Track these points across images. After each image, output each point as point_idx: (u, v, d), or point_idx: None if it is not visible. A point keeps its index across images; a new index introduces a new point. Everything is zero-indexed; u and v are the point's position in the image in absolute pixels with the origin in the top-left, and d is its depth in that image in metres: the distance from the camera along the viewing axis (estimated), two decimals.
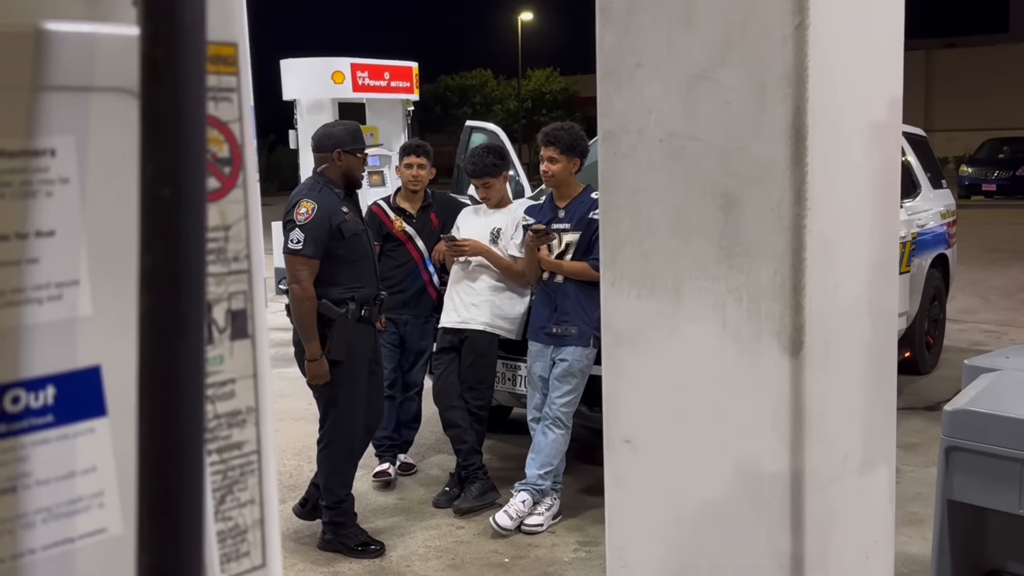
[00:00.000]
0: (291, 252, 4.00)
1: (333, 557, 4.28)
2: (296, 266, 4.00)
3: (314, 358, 4.05)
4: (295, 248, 3.99)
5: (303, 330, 4.05)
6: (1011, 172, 25.46)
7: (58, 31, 0.55)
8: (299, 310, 4.03)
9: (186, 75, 0.51)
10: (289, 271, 4.02)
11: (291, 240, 3.99)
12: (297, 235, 3.99)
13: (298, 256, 4.00)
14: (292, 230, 4.00)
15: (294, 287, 4.01)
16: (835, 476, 1.78)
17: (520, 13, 41.40)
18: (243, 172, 0.67)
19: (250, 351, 0.68)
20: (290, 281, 4.02)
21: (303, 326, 4.04)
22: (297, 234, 3.99)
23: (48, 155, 0.55)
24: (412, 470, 5.34)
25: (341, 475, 4.30)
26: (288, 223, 4.04)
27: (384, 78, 10.78)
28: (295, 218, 4.01)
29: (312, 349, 4.04)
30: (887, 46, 1.85)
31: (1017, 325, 9.01)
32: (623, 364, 1.88)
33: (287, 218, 4.06)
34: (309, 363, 4.06)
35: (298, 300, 4.02)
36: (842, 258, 1.74)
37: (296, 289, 4.01)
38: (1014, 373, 2.96)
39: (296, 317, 4.05)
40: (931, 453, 4.96)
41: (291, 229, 4.01)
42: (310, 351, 4.05)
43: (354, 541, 4.31)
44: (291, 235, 3.99)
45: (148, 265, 0.50)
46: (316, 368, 4.06)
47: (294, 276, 4.01)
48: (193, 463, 0.51)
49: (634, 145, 1.80)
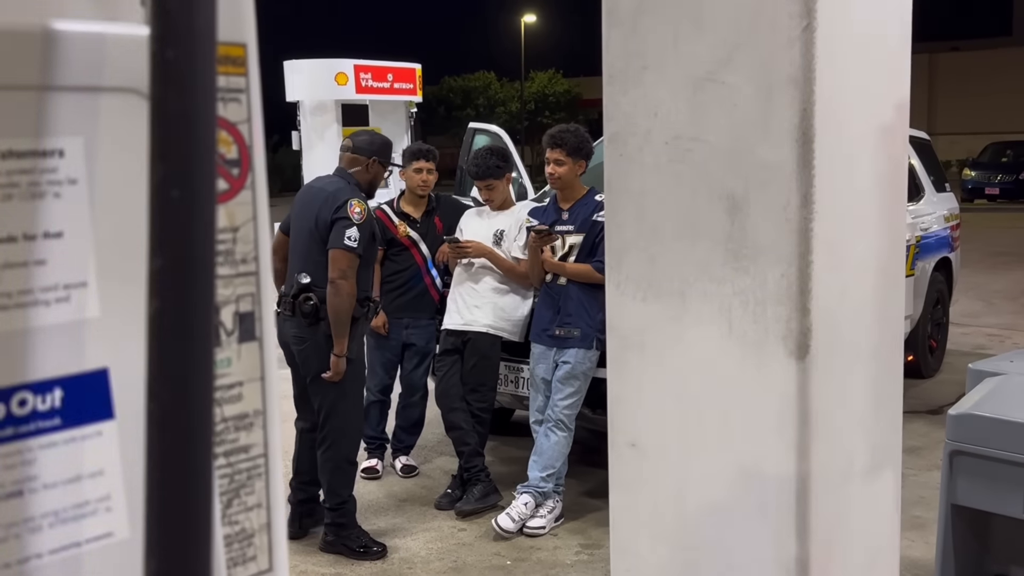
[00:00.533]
0: (347, 249, 4.06)
1: (335, 559, 4.28)
2: (347, 262, 4.08)
3: (343, 354, 4.12)
4: (351, 246, 4.06)
5: (340, 325, 4.09)
6: (1014, 176, 25.43)
7: (67, 31, 0.55)
8: (343, 306, 4.08)
9: (196, 77, 0.50)
10: (338, 267, 4.07)
11: (348, 237, 4.06)
12: (354, 233, 4.07)
13: (352, 253, 4.08)
14: (349, 227, 4.06)
15: (342, 283, 4.07)
16: (841, 480, 1.77)
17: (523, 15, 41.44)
18: (252, 173, 0.67)
19: (258, 354, 0.68)
20: (337, 276, 4.06)
21: (342, 321, 4.09)
22: (354, 232, 4.07)
23: (56, 156, 0.55)
24: (414, 472, 5.34)
25: (343, 475, 4.31)
26: (342, 220, 4.08)
27: (387, 80, 10.78)
28: (350, 216, 4.08)
29: (342, 346, 4.11)
30: (894, 49, 1.84)
31: (1020, 329, 9.00)
32: (628, 367, 1.88)
33: (338, 215, 4.09)
34: (337, 359, 4.11)
35: (344, 296, 4.08)
36: (849, 262, 1.74)
37: (344, 285, 4.07)
38: (1018, 377, 2.95)
39: (337, 312, 4.08)
40: (934, 457, 4.95)
41: (347, 226, 4.07)
42: (340, 347, 4.11)
43: (356, 543, 4.30)
44: (348, 232, 4.06)
45: (157, 267, 0.49)
46: (341, 364, 4.14)
47: (343, 272, 4.07)
48: (201, 467, 0.51)
49: (640, 147, 1.80)
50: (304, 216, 4.21)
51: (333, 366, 4.11)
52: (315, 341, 4.14)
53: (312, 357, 4.17)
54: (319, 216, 4.13)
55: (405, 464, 5.36)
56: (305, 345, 4.17)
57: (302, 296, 4.09)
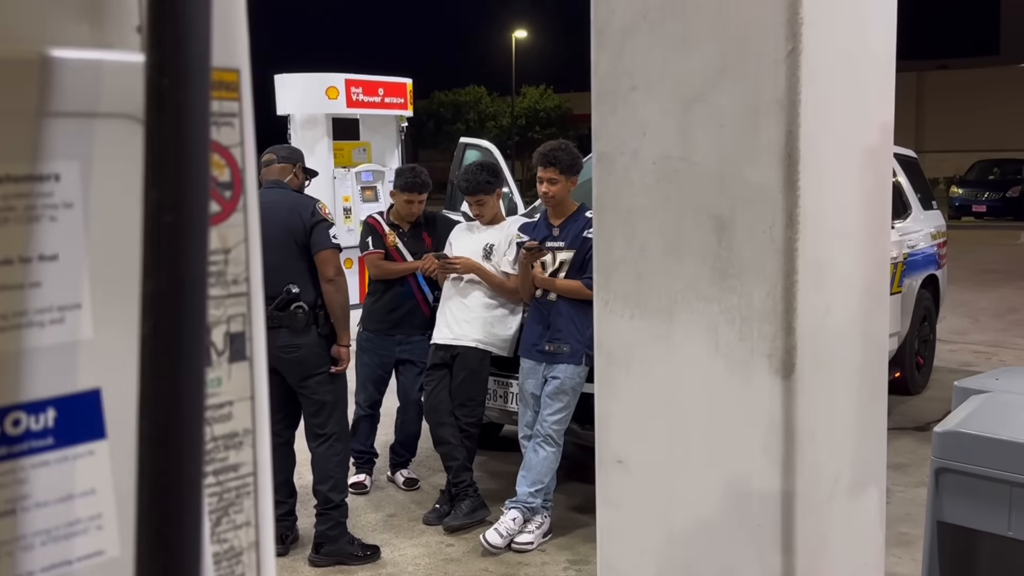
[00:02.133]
0: (335, 247, 4.26)
1: (323, 572, 4.27)
2: (338, 259, 4.29)
3: (349, 343, 4.39)
4: (337, 243, 4.29)
5: (343, 319, 4.31)
6: (1001, 193, 25.62)
7: (63, 57, 0.56)
8: (342, 300, 4.30)
9: (191, 105, 0.51)
10: (333, 265, 4.25)
11: (333, 236, 4.28)
12: (335, 231, 4.32)
13: (339, 250, 4.30)
14: (330, 227, 4.28)
15: (340, 279, 4.28)
16: (826, 497, 1.78)
17: (514, 31, 41.60)
18: (243, 196, 0.68)
19: (248, 373, 0.69)
20: (334, 274, 4.24)
21: (344, 315, 4.32)
22: (334, 230, 4.32)
23: (52, 180, 0.56)
24: (416, 485, 5.37)
25: (341, 472, 4.41)
26: (321, 222, 4.26)
27: (378, 94, 10.81)
28: (326, 217, 4.30)
29: (347, 336, 4.36)
30: (879, 70, 1.87)
31: (1007, 346, 9.05)
32: (615, 384, 1.89)
33: (315, 219, 4.25)
34: (346, 349, 4.34)
35: (344, 291, 4.31)
36: (834, 281, 1.75)
37: (343, 281, 4.30)
38: (1004, 395, 2.97)
39: (341, 307, 4.29)
40: (921, 473, 4.97)
41: (328, 227, 4.28)
42: (346, 337, 4.35)
43: (352, 548, 4.35)
44: (331, 232, 4.27)
45: (150, 290, 0.50)
46: (348, 353, 4.39)
47: (338, 269, 4.28)
48: (192, 486, 0.52)
49: (628, 167, 1.82)
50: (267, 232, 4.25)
51: (345, 356, 4.34)
52: (311, 343, 4.24)
53: (309, 359, 4.27)
54: (290, 226, 4.21)
55: (407, 478, 5.38)
56: (300, 351, 4.24)
57: (293, 306, 4.14)
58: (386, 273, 5.14)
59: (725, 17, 1.67)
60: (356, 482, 5.23)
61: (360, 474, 5.30)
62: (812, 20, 1.59)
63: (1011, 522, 2.60)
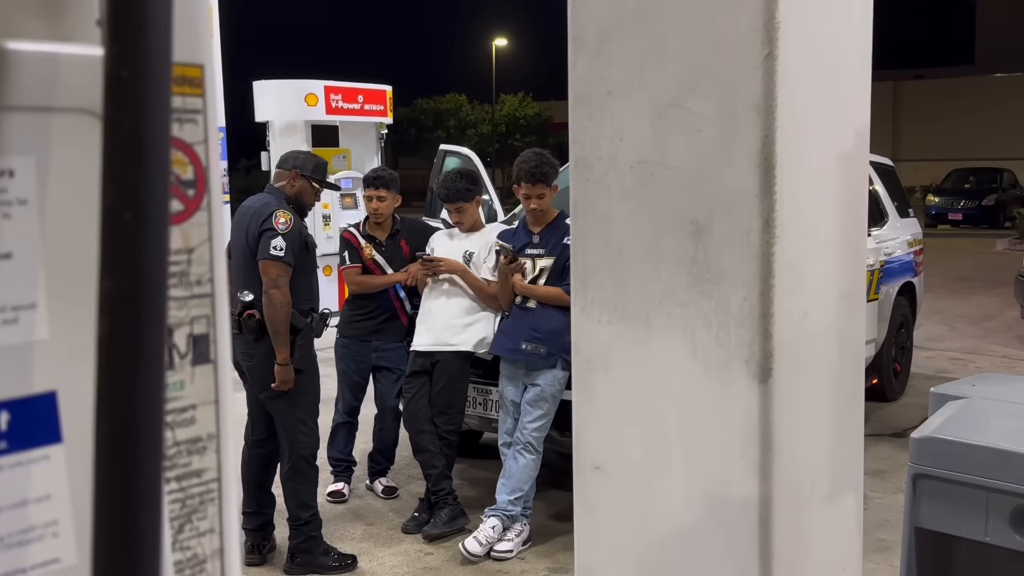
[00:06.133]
0: (273, 259, 4.10)
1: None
2: (277, 272, 4.11)
3: (286, 362, 4.14)
4: (277, 255, 4.10)
5: (278, 335, 4.12)
6: (977, 202, 25.87)
7: (19, 50, 0.54)
8: (278, 315, 4.11)
9: (150, 98, 0.50)
10: (269, 277, 4.10)
11: (274, 247, 4.10)
12: (280, 242, 4.11)
13: (280, 262, 4.11)
14: (274, 237, 4.11)
15: (274, 292, 4.10)
16: (803, 503, 1.78)
17: (495, 39, 41.67)
18: (207, 194, 0.66)
19: (212, 377, 0.67)
20: (269, 286, 4.10)
21: (279, 331, 4.11)
22: (280, 241, 4.11)
23: (7, 176, 0.54)
24: (395, 493, 5.32)
25: (309, 485, 4.31)
26: (268, 231, 4.12)
27: (358, 101, 10.78)
28: (275, 226, 4.12)
29: (284, 354, 4.13)
30: (855, 76, 1.87)
31: (983, 353, 9.12)
32: (593, 390, 1.88)
33: (264, 227, 4.13)
34: (281, 367, 4.13)
35: (277, 305, 4.10)
36: (810, 286, 1.75)
37: (276, 295, 4.10)
38: (980, 401, 2.98)
39: (272, 322, 4.11)
40: (898, 480, 4.99)
41: (272, 237, 4.11)
42: (283, 356, 4.13)
43: (328, 559, 4.30)
44: (273, 242, 4.10)
45: (108, 290, 0.49)
46: (286, 373, 4.15)
47: (274, 282, 4.10)
48: (151, 492, 0.50)
49: (605, 172, 1.81)
50: (237, 235, 4.23)
51: (278, 375, 4.14)
52: (260, 356, 4.17)
53: (259, 372, 4.19)
54: (248, 232, 4.17)
55: (386, 486, 5.33)
56: (253, 361, 4.20)
57: (246, 313, 4.11)
58: (366, 287, 5.11)
59: (702, 22, 1.67)
60: (334, 491, 5.20)
61: (338, 482, 5.27)
62: (788, 25, 1.60)
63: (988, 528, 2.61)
